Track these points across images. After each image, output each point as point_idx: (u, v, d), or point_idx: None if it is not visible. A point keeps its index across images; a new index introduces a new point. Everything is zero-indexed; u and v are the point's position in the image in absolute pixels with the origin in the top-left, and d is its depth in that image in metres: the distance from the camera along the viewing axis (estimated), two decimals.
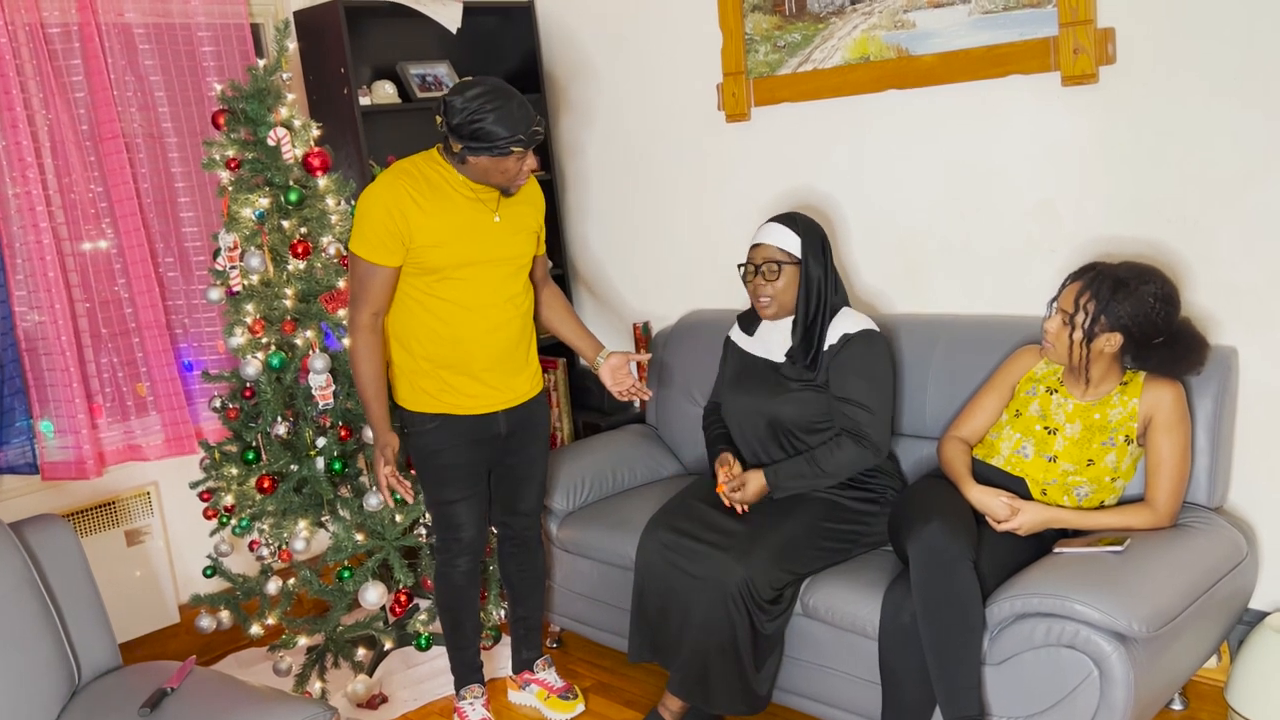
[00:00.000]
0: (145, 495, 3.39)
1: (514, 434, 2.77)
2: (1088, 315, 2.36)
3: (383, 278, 2.57)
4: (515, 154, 2.49)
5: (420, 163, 2.60)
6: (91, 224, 3.20)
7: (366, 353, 2.62)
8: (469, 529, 2.77)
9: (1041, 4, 2.70)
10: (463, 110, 2.43)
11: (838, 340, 2.68)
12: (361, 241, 2.55)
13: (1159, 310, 2.34)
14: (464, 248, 2.57)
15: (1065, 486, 2.46)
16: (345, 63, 3.46)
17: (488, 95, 2.44)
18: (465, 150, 2.48)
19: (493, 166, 2.52)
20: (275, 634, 3.25)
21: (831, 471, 2.66)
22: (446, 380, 2.65)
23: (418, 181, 2.55)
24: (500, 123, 2.43)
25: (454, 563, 2.81)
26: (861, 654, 2.49)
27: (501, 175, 2.54)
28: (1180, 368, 2.41)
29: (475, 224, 2.59)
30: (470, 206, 2.58)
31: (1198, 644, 2.40)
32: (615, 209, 3.93)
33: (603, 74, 3.83)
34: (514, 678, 3.06)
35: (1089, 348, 2.38)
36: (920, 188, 3.07)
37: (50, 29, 3.08)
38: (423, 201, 2.53)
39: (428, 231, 2.53)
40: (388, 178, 2.56)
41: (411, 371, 2.67)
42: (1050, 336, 2.45)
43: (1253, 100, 2.46)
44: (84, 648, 2.27)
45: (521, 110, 2.46)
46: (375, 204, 2.53)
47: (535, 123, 2.48)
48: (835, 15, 3.11)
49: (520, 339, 2.73)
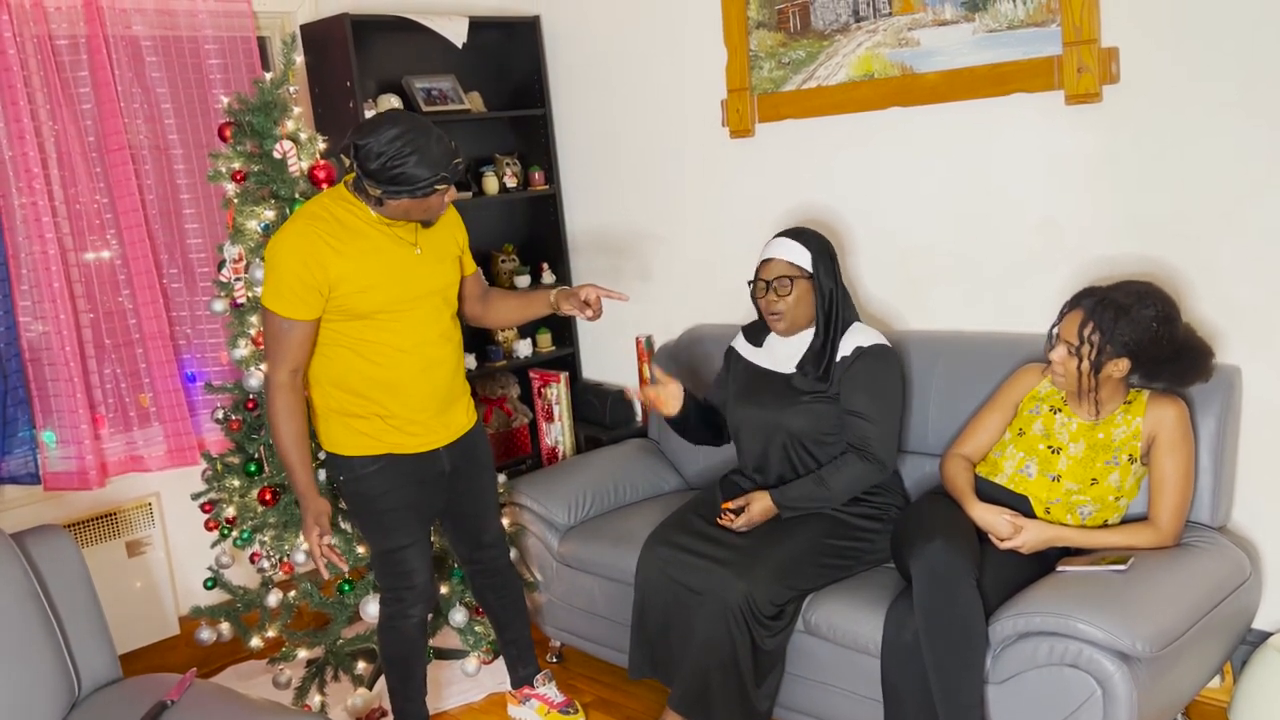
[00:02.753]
0: (147, 506, 3.39)
1: (458, 470, 2.67)
2: (1093, 346, 2.35)
3: (301, 332, 2.42)
4: (439, 191, 2.38)
5: (328, 204, 2.45)
6: (96, 235, 3.21)
7: (287, 414, 2.45)
8: (421, 574, 2.64)
9: (1045, 23, 2.71)
10: (380, 156, 2.29)
11: (851, 352, 2.69)
12: (276, 297, 2.40)
13: (1162, 332, 2.34)
14: (391, 288, 2.45)
15: (1069, 505, 2.45)
16: (351, 76, 3.47)
17: (405, 137, 2.29)
18: (385, 194, 2.35)
19: (414, 206, 2.40)
20: (275, 647, 3.24)
21: (839, 490, 2.66)
22: (386, 421, 2.52)
23: (331, 225, 2.40)
24: (422, 165, 2.30)
25: (407, 613, 2.67)
26: (863, 671, 2.48)
27: (424, 212, 2.43)
28: (1189, 379, 2.41)
29: (397, 261, 2.46)
30: (390, 243, 2.45)
31: (1201, 664, 2.39)
32: (619, 223, 3.93)
33: (607, 89, 3.84)
34: (514, 693, 3.05)
35: (1097, 377, 2.38)
36: (923, 204, 3.08)
37: (58, 40, 3.10)
38: (339, 246, 2.39)
39: (350, 278, 2.39)
40: (298, 225, 2.41)
41: (346, 415, 2.52)
42: (1057, 367, 2.43)
43: (1255, 119, 2.46)
44: (84, 659, 2.26)
45: (440, 146, 2.33)
46: (290, 256, 2.37)
47: (456, 154, 2.36)
48: (840, 33, 3.13)
49: (456, 372, 2.63)
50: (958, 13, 2.87)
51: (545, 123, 3.99)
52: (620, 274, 3.97)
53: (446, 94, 3.85)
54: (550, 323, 4.15)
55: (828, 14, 3.14)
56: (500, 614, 2.95)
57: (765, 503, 2.69)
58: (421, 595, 2.68)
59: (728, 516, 2.70)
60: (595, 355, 4.16)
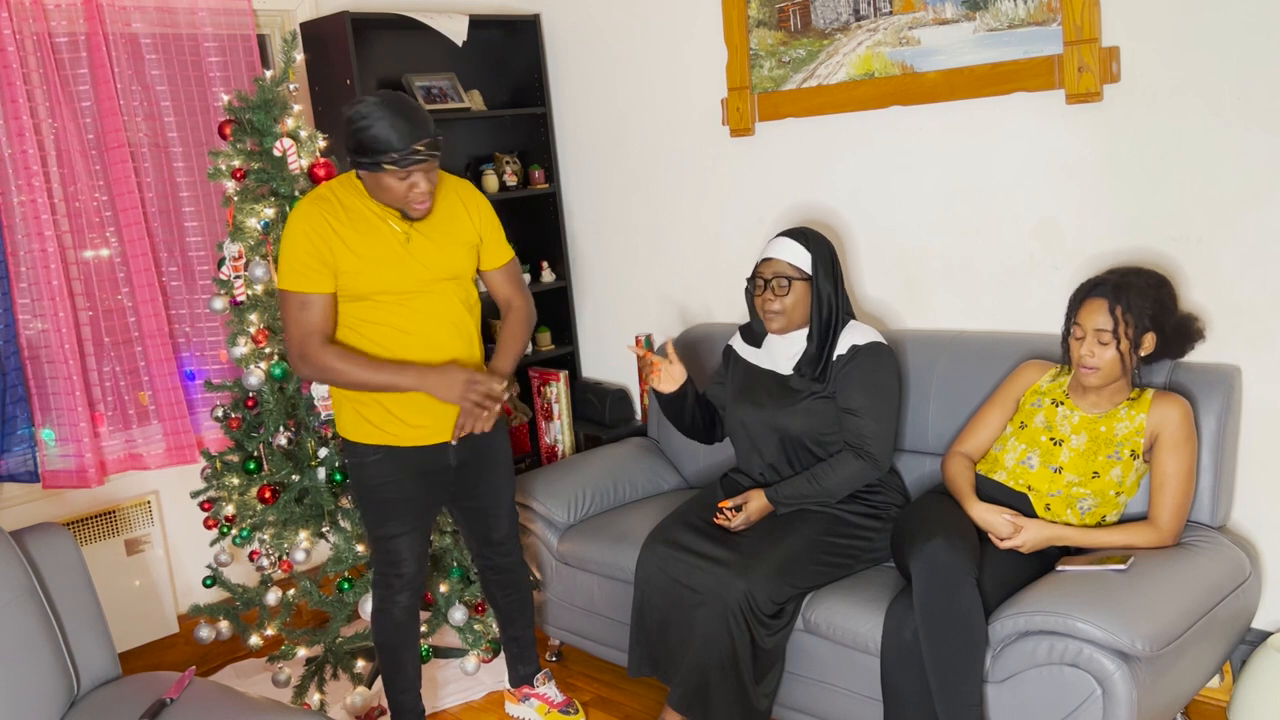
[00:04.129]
0: (146, 504, 3.39)
1: (466, 465, 2.63)
2: (1129, 324, 2.38)
3: (320, 306, 2.43)
4: (390, 171, 2.32)
5: (337, 188, 2.49)
6: (96, 232, 3.21)
7: (341, 357, 2.42)
8: (410, 564, 2.65)
9: (1046, 22, 2.71)
10: (351, 121, 2.31)
11: (847, 351, 2.69)
12: (290, 275, 2.42)
13: (1164, 291, 2.43)
14: (385, 273, 2.44)
15: (1069, 499, 2.45)
16: (351, 74, 3.47)
17: (379, 106, 2.29)
18: (355, 166, 2.37)
19: (375, 184, 2.38)
20: (274, 645, 3.24)
21: (833, 488, 2.66)
22: (389, 409, 2.51)
23: (334, 206, 2.44)
24: (390, 130, 2.26)
25: (394, 599, 2.68)
26: (863, 670, 2.48)
27: (386, 194, 2.38)
28: (1194, 339, 2.49)
29: (394, 247, 2.46)
30: (386, 230, 2.45)
31: (1200, 663, 2.39)
32: (619, 222, 3.93)
33: (607, 87, 3.84)
34: (513, 691, 3.04)
35: (1138, 354, 2.41)
36: (923, 204, 3.07)
37: (58, 38, 3.09)
38: (339, 227, 2.42)
39: (350, 257, 2.42)
40: (304, 206, 2.45)
41: (354, 401, 2.52)
42: (1091, 360, 2.40)
43: (1256, 119, 2.46)
44: (83, 658, 2.26)
45: (406, 124, 2.28)
46: (297, 233, 2.41)
47: (418, 140, 2.29)
48: (840, 31, 3.12)
49: (465, 364, 2.55)
50: (958, 11, 2.86)
51: (545, 121, 3.99)
52: (619, 272, 3.97)
53: (446, 92, 3.85)
54: (549, 321, 4.15)
55: (828, 12, 3.14)
56: (506, 610, 2.95)
57: (762, 501, 2.69)
58: (409, 584, 2.68)
59: (724, 515, 2.70)
60: (595, 354, 4.16)
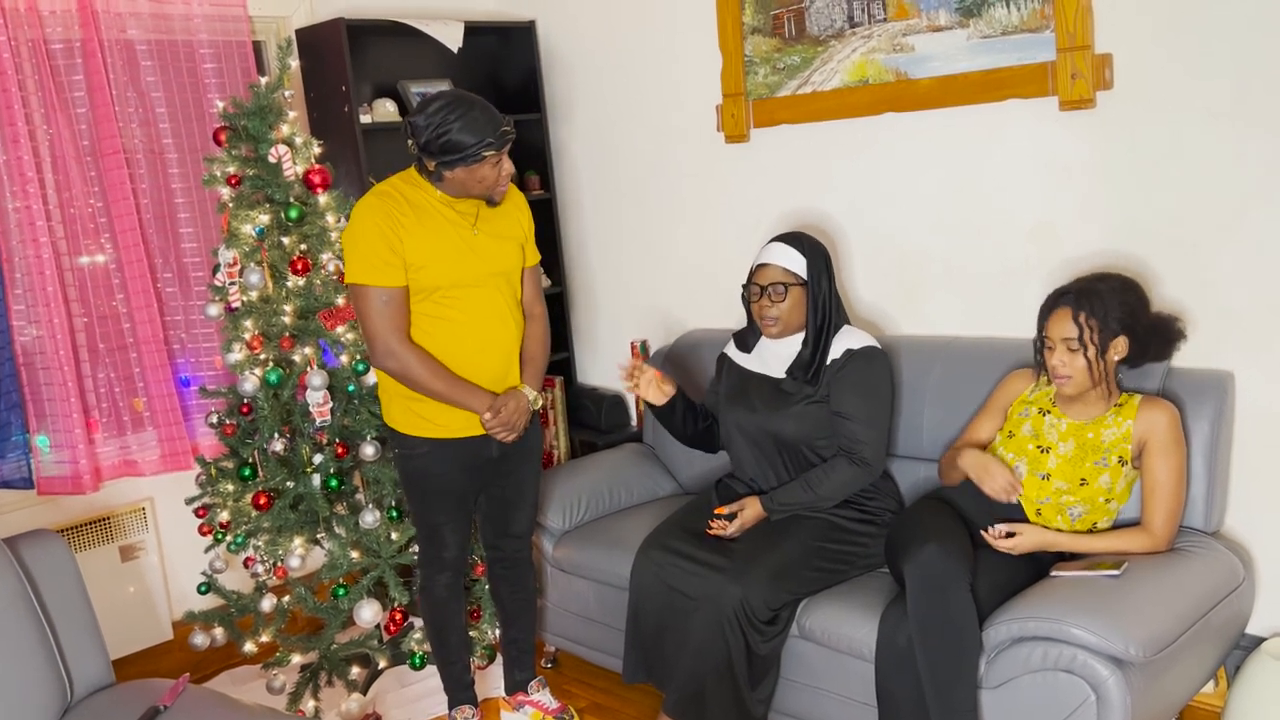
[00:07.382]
0: (140, 511, 3.38)
1: (506, 456, 2.73)
2: (1093, 330, 2.38)
3: (399, 300, 2.51)
4: (488, 159, 2.47)
5: (398, 184, 2.56)
6: (91, 239, 3.21)
7: (424, 367, 2.51)
8: (453, 549, 2.77)
9: (1039, 29, 2.71)
10: (426, 127, 2.42)
11: (840, 355, 2.69)
12: (366, 270, 2.48)
13: (1132, 294, 2.42)
14: (450, 267, 2.54)
15: (1059, 506, 2.45)
16: (347, 81, 3.48)
17: (449, 107, 2.42)
18: (440, 166, 2.47)
19: (469, 177, 2.49)
20: (269, 652, 3.23)
21: (827, 494, 2.66)
22: (441, 403, 2.60)
23: (399, 203, 2.51)
24: (466, 130, 2.41)
25: (435, 578, 2.80)
26: (857, 676, 2.48)
27: (480, 184, 2.52)
28: (1173, 342, 2.49)
29: (459, 239, 2.56)
30: (451, 223, 2.55)
31: (1195, 669, 2.39)
32: (614, 228, 3.94)
33: (603, 94, 3.85)
34: (508, 699, 3.04)
35: (1105, 359, 2.41)
36: (918, 210, 3.08)
37: (53, 44, 3.09)
38: (406, 222, 2.50)
39: (415, 252, 2.50)
40: (370, 200, 2.52)
41: (405, 395, 2.61)
42: (1063, 369, 2.42)
43: (1250, 125, 2.47)
44: (77, 664, 2.25)
45: (485, 114, 2.44)
46: (369, 228, 2.48)
47: (503, 123, 2.46)
48: (834, 38, 3.13)
49: (512, 357, 2.68)
50: (952, 18, 2.87)
51: (541, 128, 3.99)
52: (615, 278, 3.97)
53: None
54: None
55: (823, 19, 3.15)
56: (510, 608, 2.97)
57: (757, 509, 2.69)
58: (451, 564, 2.80)
59: (719, 524, 2.70)
60: (590, 360, 4.16)
